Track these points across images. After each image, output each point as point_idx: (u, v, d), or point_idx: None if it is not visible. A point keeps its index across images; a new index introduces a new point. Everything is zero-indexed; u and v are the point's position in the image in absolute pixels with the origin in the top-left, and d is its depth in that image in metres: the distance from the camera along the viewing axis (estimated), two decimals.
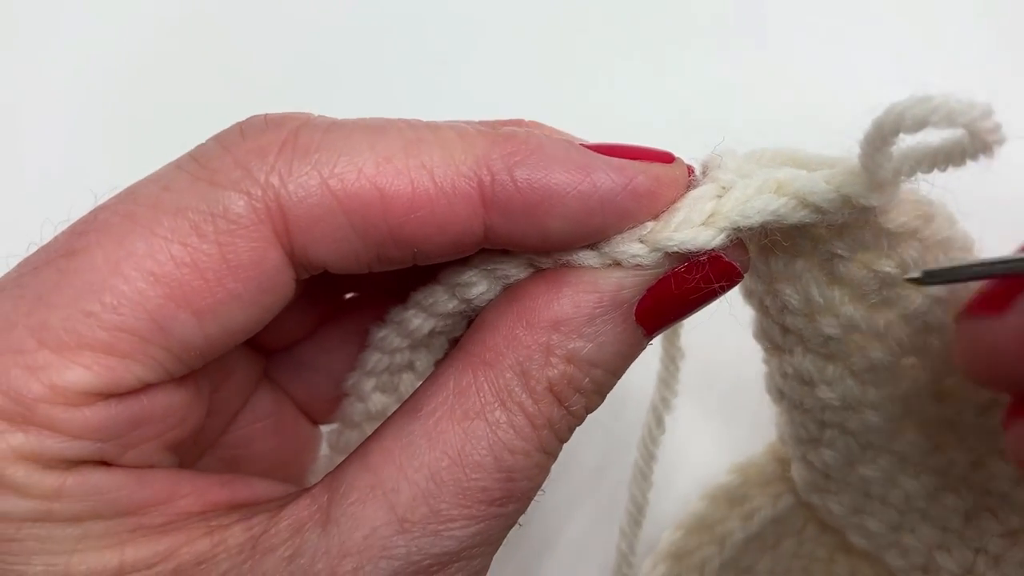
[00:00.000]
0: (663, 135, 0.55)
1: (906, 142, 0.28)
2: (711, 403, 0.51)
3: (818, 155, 0.33)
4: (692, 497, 0.46)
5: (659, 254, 0.30)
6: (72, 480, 0.28)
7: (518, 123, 0.34)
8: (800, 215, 0.29)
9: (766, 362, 0.38)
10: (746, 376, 0.40)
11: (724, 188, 0.30)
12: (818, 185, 0.29)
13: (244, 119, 0.31)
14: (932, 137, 0.27)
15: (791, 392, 0.36)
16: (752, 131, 0.33)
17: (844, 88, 0.56)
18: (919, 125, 0.26)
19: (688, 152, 0.33)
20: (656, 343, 0.36)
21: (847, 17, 0.61)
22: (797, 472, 0.41)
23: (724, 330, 0.37)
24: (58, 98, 0.62)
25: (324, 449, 0.42)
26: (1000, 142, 0.26)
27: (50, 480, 0.28)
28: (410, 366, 0.37)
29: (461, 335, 0.35)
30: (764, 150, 0.33)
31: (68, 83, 0.62)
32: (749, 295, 0.36)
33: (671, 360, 0.41)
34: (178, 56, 0.63)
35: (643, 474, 0.42)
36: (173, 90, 0.62)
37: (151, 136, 0.58)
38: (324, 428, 0.42)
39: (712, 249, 0.30)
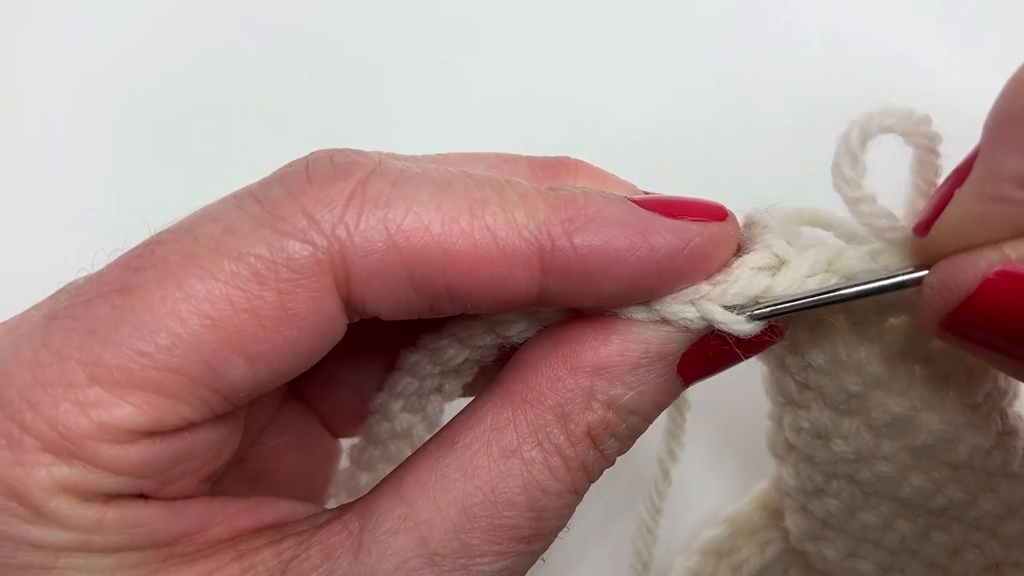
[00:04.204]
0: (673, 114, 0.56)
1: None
2: (717, 452, 0.51)
3: (839, 217, 0.34)
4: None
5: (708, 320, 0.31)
6: (112, 513, 0.28)
7: (565, 163, 0.34)
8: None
9: (772, 417, 0.38)
10: (750, 425, 0.40)
11: (778, 256, 0.31)
12: (868, 264, 0.30)
13: (309, 157, 0.30)
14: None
15: (803, 446, 0.37)
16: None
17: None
18: (865, 136, 0.29)
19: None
20: None
21: None
22: (793, 521, 0.41)
23: (730, 380, 0.38)
24: (74, 132, 0.61)
25: (344, 462, 0.42)
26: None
27: (91, 513, 0.28)
28: (439, 389, 0.38)
29: (492, 362, 0.36)
30: (783, 208, 0.34)
31: (83, 118, 0.61)
32: (768, 351, 0.36)
33: (678, 411, 0.40)
34: (211, 66, 0.62)
35: (648, 528, 0.42)
36: (215, 106, 0.61)
37: (194, 151, 0.60)
38: (344, 441, 0.42)
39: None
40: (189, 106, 0.61)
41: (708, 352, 0.32)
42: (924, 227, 0.29)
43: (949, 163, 0.31)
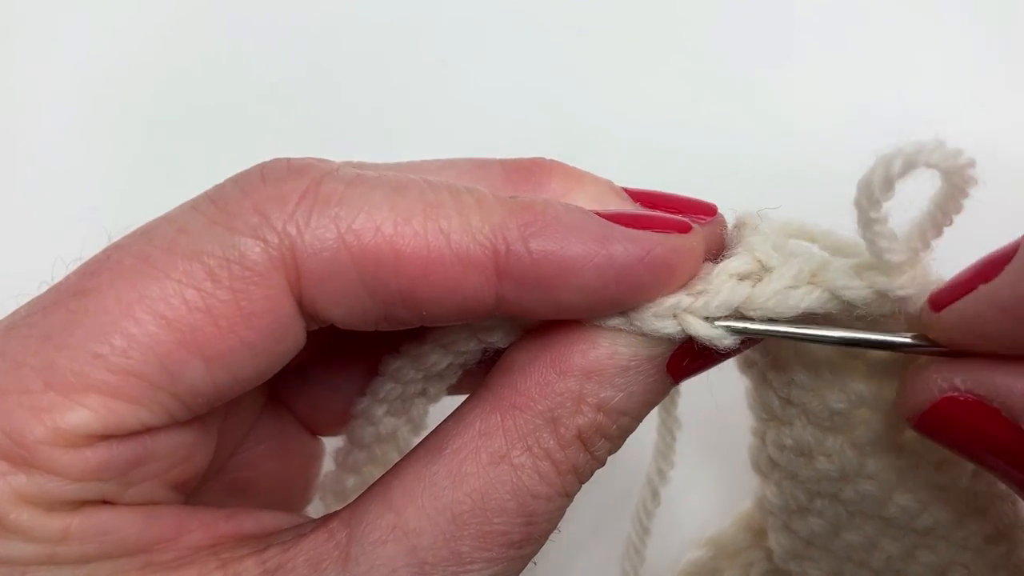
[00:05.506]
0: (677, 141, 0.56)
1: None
2: (700, 471, 0.50)
3: (824, 229, 0.33)
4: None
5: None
6: (78, 521, 0.28)
7: (539, 163, 0.34)
8: (831, 306, 0.30)
9: (755, 433, 0.38)
10: (733, 443, 0.40)
11: (760, 262, 0.30)
12: (852, 280, 0.30)
13: (267, 161, 0.30)
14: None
15: (787, 463, 0.36)
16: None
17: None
18: (908, 167, 0.27)
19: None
20: (653, 414, 0.35)
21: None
22: (776, 540, 0.41)
23: (720, 401, 0.37)
24: (74, 132, 0.61)
25: (327, 463, 0.42)
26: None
27: (55, 523, 0.27)
28: (423, 393, 0.38)
29: (475, 365, 0.36)
30: (769, 220, 0.33)
31: (83, 118, 0.61)
32: (750, 366, 0.36)
33: (668, 431, 0.40)
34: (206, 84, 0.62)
35: (636, 549, 0.41)
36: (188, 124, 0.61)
37: (194, 151, 0.59)
38: (328, 443, 0.42)
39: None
40: (189, 106, 0.61)
41: (697, 351, 0.31)
42: (940, 305, 0.29)
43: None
